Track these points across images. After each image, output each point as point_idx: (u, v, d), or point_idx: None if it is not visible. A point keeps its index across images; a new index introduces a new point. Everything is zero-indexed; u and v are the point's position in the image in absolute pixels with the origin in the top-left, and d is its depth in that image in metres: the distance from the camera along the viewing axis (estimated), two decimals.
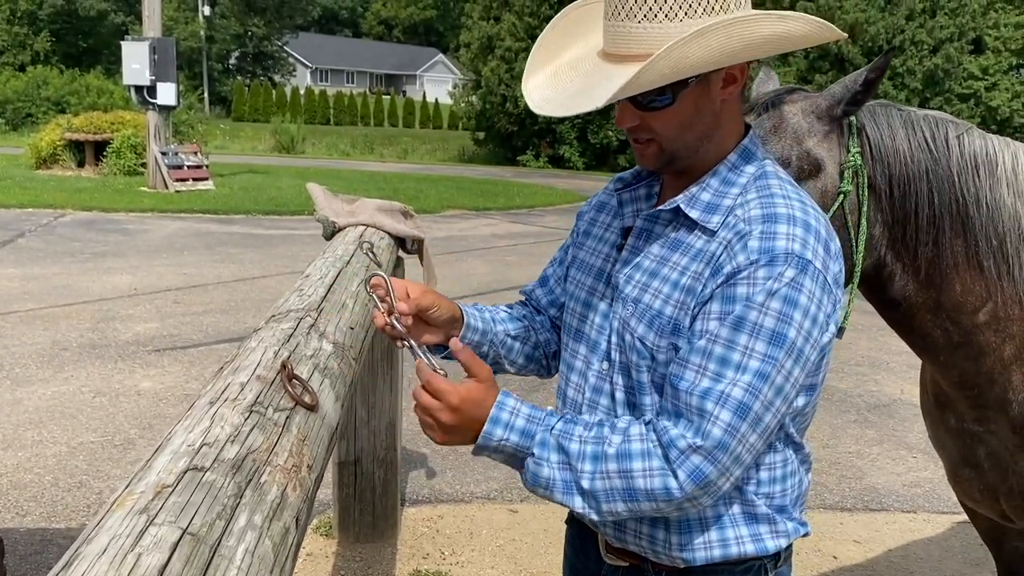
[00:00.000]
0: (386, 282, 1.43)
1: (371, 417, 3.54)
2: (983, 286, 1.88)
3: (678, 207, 1.35)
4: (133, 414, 4.95)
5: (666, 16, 1.24)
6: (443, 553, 3.66)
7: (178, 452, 1.06)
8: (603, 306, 1.44)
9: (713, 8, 1.25)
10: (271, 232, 11.90)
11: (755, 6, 1.35)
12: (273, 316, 1.78)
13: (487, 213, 15.35)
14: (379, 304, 1.42)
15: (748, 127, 1.43)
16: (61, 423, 4.77)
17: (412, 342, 1.40)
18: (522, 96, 1.41)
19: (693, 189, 1.36)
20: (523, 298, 1.73)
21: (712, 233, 1.32)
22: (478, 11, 30.22)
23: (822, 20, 1.29)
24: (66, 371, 5.62)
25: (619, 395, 1.41)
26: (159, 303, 7.53)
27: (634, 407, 1.39)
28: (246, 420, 1.19)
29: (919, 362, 2.15)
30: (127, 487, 0.98)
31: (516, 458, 1.32)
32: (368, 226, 3.22)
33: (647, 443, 1.27)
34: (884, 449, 5.09)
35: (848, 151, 1.82)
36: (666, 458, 1.25)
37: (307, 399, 1.38)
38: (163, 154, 15.45)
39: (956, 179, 1.86)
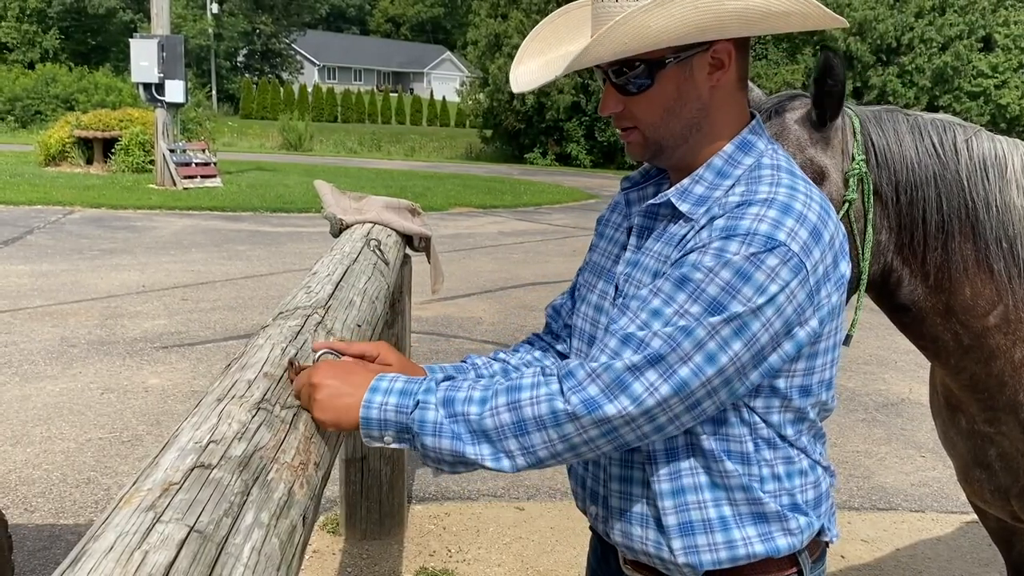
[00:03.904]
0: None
1: None
2: (993, 289, 1.87)
3: (669, 200, 1.32)
4: (141, 411, 4.96)
5: None
6: (449, 550, 3.66)
7: (185, 449, 1.06)
8: (611, 308, 1.40)
9: None
10: (278, 229, 11.92)
11: None
12: (281, 313, 1.78)
13: (494, 211, 15.34)
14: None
15: (754, 117, 1.36)
16: (69, 419, 4.78)
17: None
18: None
19: (686, 182, 1.31)
20: (548, 318, 1.66)
21: (695, 222, 1.28)
22: (485, 9, 30.22)
23: (815, 1, 1.22)
24: (74, 367, 5.64)
25: None
26: (167, 300, 7.55)
27: None
28: (253, 417, 1.19)
29: (928, 361, 2.14)
30: (134, 484, 0.98)
31: (403, 426, 1.26)
32: (375, 223, 3.21)
33: (537, 376, 1.25)
34: (892, 448, 5.07)
35: (853, 159, 1.80)
36: (560, 389, 1.21)
37: None
38: (171, 151, 15.50)
39: (965, 183, 1.84)
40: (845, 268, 1.28)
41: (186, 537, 0.86)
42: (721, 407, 1.25)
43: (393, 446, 1.29)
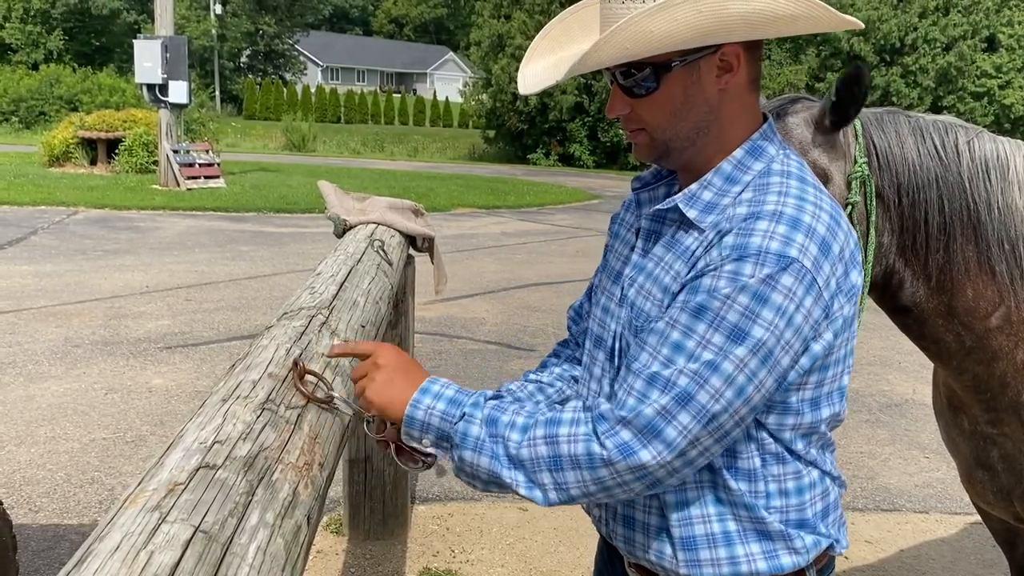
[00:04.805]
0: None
1: None
2: (995, 291, 1.87)
3: (676, 206, 1.30)
4: (145, 411, 4.97)
5: None
6: (453, 551, 3.66)
7: (190, 449, 1.06)
8: (616, 311, 1.40)
9: None
10: (282, 230, 11.93)
11: None
12: (285, 314, 1.78)
13: (497, 211, 15.35)
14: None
15: (766, 120, 1.34)
16: (74, 419, 4.79)
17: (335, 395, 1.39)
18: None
19: (694, 187, 1.30)
20: (571, 320, 1.65)
21: (702, 232, 1.26)
22: (488, 9, 30.24)
23: (820, 2, 1.19)
24: (78, 368, 5.65)
25: None
26: (171, 300, 7.56)
27: None
28: (258, 418, 1.20)
29: (931, 362, 2.14)
30: (139, 484, 0.98)
31: (444, 434, 1.28)
32: (379, 224, 3.22)
33: (578, 413, 1.24)
34: (896, 449, 5.06)
35: (855, 161, 1.80)
36: (594, 430, 1.20)
37: (320, 394, 1.38)
38: (175, 152, 15.51)
39: (967, 185, 1.84)
40: (856, 278, 1.26)
41: (191, 537, 0.86)
42: (745, 427, 1.25)
43: (429, 449, 1.30)
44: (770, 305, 1.16)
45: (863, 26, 1.27)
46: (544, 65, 1.38)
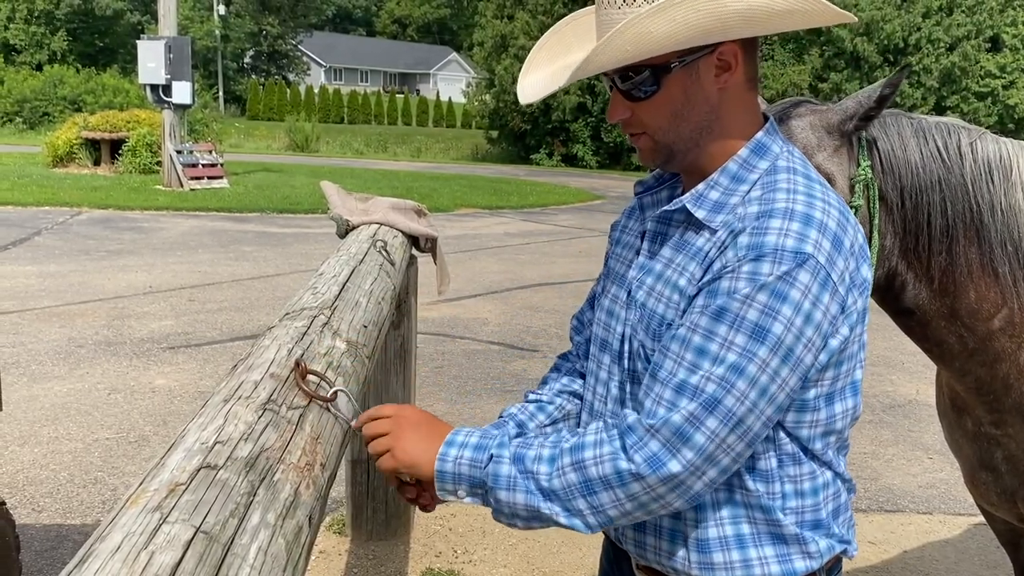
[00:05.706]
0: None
1: None
2: (998, 292, 1.86)
3: (684, 207, 1.31)
4: (147, 411, 4.98)
5: (645, 0, 1.20)
6: (456, 551, 3.66)
7: (192, 450, 1.06)
8: (622, 313, 1.40)
9: None
10: (285, 230, 11.95)
11: None
12: (287, 314, 1.78)
13: (500, 212, 15.35)
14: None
15: (767, 120, 1.35)
16: (77, 420, 4.80)
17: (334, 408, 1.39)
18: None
19: (701, 187, 1.30)
20: (572, 333, 1.64)
21: (714, 232, 1.26)
22: (491, 10, 30.27)
23: None
24: (82, 368, 5.66)
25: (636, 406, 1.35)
26: (174, 301, 7.57)
27: None
28: (260, 418, 1.20)
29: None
30: (141, 485, 0.98)
31: (477, 480, 1.28)
32: (381, 224, 3.22)
33: (600, 434, 1.24)
34: (900, 450, 5.05)
35: (859, 164, 1.80)
36: (623, 446, 1.20)
37: (323, 393, 1.38)
38: (178, 152, 15.54)
39: (970, 187, 1.84)
40: (867, 272, 1.27)
41: (192, 538, 0.86)
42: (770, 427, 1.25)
43: (467, 500, 1.30)
44: (789, 302, 1.17)
45: (857, 20, 1.28)
46: (543, 76, 1.39)
